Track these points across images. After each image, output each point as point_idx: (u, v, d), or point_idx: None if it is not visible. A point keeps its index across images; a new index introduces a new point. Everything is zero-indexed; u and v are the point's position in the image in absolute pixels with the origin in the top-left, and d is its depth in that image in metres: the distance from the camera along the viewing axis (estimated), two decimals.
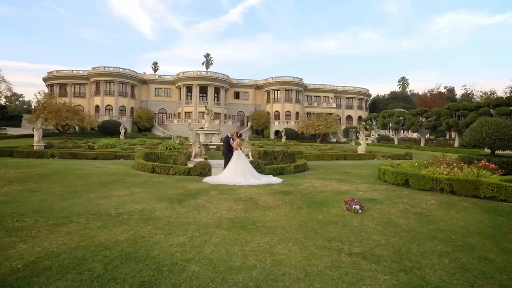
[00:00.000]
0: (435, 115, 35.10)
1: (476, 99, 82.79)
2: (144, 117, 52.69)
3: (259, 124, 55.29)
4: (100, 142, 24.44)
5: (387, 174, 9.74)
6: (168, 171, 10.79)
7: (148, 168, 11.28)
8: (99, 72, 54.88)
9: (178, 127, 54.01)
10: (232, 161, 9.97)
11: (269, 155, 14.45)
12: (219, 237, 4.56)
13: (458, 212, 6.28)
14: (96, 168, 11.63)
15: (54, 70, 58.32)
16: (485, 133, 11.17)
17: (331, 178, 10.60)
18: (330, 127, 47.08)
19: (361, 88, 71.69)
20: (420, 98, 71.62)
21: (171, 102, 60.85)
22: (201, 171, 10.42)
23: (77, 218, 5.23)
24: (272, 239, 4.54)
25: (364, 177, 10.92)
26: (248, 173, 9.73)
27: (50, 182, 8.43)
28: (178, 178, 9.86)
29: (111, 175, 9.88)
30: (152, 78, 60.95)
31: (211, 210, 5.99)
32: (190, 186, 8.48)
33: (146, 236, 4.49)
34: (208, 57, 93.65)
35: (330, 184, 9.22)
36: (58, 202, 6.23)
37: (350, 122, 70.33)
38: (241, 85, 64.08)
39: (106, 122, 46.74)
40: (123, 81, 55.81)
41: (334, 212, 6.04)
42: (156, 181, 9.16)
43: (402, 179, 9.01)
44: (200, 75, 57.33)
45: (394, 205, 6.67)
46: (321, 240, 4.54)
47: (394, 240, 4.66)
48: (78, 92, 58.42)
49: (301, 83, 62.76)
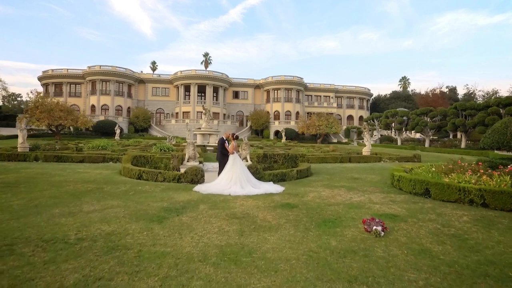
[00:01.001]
0: (441, 114, 33.92)
1: (479, 98, 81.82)
2: (141, 117, 51.45)
3: (259, 124, 54.10)
4: (92, 143, 23.24)
5: (403, 182, 8.58)
6: (156, 178, 9.62)
7: (134, 173, 10.11)
8: (95, 71, 53.65)
9: (175, 127, 52.82)
10: (228, 167, 8.81)
11: (269, 158, 13.28)
12: (202, 278, 3.39)
13: (502, 233, 5.11)
14: (76, 174, 10.45)
15: (49, 69, 57.07)
16: (510, 135, 10.01)
17: (339, 185, 9.44)
18: (331, 127, 45.91)
19: (363, 88, 70.54)
20: (422, 98, 70.45)
21: (169, 101, 59.64)
22: (193, 178, 9.25)
23: (23, 247, 4.06)
24: (274, 281, 3.37)
25: (376, 184, 9.76)
26: (245, 181, 8.57)
27: (14, 192, 7.25)
28: (166, 186, 8.69)
29: (89, 183, 8.71)
30: (150, 77, 59.73)
31: (198, 233, 4.82)
32: (178, 197, 7.32)
33: (104, 278, 3.31)
34: (207, 56, 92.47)
35: (339, 193, 8.06)
36: (8, 222, 5.05)
37: (351, 122, 69.17)
38: (240, 84, 62.88)
39: (101, 122, 45.51)
40: (120, 80, 54.58)
41: (350, 235, 4.87)
42: (139, 190, 7.99)
43: (422, 188, 7.84)
44: (199, 74, 56.12)
45: (421, 223, 5.50)
46: (340, 282, 3.37)
47: (435, 281, 3.49)
48: (74, 91, 57.18)
49: (302, 82, 61.58)
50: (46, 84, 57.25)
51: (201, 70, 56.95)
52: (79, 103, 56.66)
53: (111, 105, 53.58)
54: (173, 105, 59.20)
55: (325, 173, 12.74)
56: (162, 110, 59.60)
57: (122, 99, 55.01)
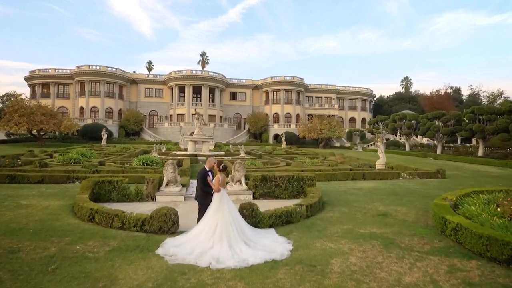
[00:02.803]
0: (454, 119, 31.28)
1: (483, 99, 79.45)
2: (132, 120, 48.58)
3: (257, 127, 51.33)
4: (68, 154, 20.45)
5: (467, 236, 5.86)
6: (112, 223, 6.87)
7: (85, 213, 7.36)
8: (83, 71, 50.76)
9: (169, 131, 50.04)
10: (211, 211, 6.08)
11: (269, 182, 10.60)
12: None
13: None
14: (10, 211, 7.66)
15: (36, 68, 54.16)
16: None
17: (367, 233, 6.73)
18: (334, 131, 43.26)
19: (365, 89, 67.97)
20: (427, 99, 67.88)
21: (163, 103, 56.81)
22: (161, 226, 6.50)
23: None
24: None
25: (417, 229, 7.04)
26: (236, 233, 5.85)
27: None
28: (119, 243, 5.91)
29: (8, 235, 5.92)
30: (142, 78, 56.86)
31: None
32: (125, 274, 4.56)
33: None
34: (204, 56, 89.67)
35: (375, 257, 5.34)
36: None
37: (353, 124, 66.58)
38: (238, 85, 60.11)
39: (88, 126, 42.67)
40: (110, 80, 51.69)
41: None
42: (72, 256, 5.20)
43: (505, 252, 5.12)
44: (194, 74, 53.29)
45: None
46: None
47: None
48: (62, 92, 54.28)
49: (302, 83, 58.89)
50: (33, 84, 54.35)
51: (196, 70, 54.17)
52: (67, 105, 53.83)
53: (101, 107, 50.72)
54: (167, 107, 56.39)
55: (341, 202, 10.00)
56: (155, 112, 56.77)
57: (112, 101, 52.15)
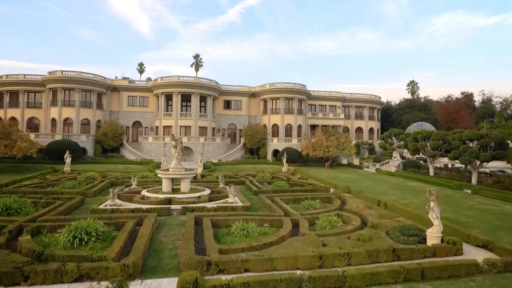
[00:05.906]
0: (496, 142, 25.31)
1: (496, 105, 73.76)
2: (110, 134, 42.02)
3: (254, 141, 45.04)
4: None
5: None
6: None
7: None
8: (56, 77, 44.32)
9: (153, 146, 43.72)
10: None
11: None
12: None
13: None
14: None
15: (3, 74, 47.69)
16: None
17: None
18: (343, 149, 37.12)
19: (373, 96, 61.89)
20: (442, 107, 61.82)
21: (148, 113, 50.45)
22: None
23: None
24: None
25: None
26: None
27: None
28: None
29: None
30: (125, 85, 50.43)
31: None
32: None
33: None
34: (197, 58, 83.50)
35: None
36: None
37: (360, 135, 60.50)
38: (232, 92, 53.85)
39: (54, 144, 36.17)
40: (87, 88, 45.30)
41: None
42: None
43: None
44: (182, 81, 46.94)
45: None
46: None
47: None
48: (33, 101, 47.79)
49: (304, 91, 52.71)
50: (0, 92, 47.88)
51: (185, 77, 47.79)
52: (39, 116, 47.44)
53: (76, 119, 44.33)
54: (152, 117, 50.06)
55: None
56: (139, 123, 50.40)
57: (90, 111, 45.75)
